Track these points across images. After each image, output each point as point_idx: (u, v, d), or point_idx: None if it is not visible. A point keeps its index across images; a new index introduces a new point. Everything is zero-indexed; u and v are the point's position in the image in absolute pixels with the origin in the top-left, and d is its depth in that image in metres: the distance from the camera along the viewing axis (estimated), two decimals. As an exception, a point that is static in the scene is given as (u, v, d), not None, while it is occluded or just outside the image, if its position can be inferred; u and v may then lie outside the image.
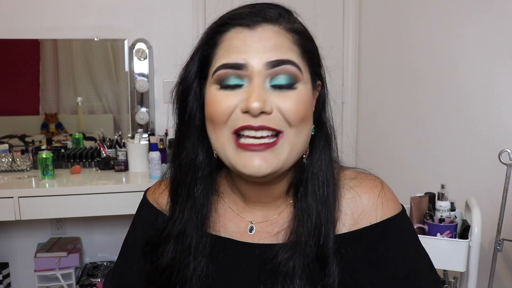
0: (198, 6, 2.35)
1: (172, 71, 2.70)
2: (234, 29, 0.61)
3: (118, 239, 2.38)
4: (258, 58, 0.58)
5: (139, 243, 0.75)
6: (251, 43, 0.59)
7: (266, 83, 0.59)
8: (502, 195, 1.36)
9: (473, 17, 1.68)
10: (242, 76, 0.59)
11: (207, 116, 0.62)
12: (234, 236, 0.69)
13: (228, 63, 0.59)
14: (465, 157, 1.74)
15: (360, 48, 2.50)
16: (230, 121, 0.59)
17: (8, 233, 2.33)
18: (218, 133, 0.61)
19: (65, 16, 2.27)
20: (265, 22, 0.61)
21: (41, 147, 2.32)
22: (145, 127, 2.40)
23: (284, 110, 0.59)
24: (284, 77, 0.59)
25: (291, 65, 0.59)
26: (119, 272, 0.80)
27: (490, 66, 1.62)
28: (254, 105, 0.56)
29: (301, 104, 0.60)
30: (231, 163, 0.61)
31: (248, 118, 0.58)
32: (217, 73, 0.60)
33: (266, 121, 0.58)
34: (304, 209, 0.65)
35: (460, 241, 1.34)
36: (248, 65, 0.58)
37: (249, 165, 0.59)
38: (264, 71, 0.58)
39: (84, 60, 2.38)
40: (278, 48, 0.59)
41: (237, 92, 0.59)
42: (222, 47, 0.61)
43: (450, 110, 1.81)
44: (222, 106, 0.59)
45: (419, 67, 2.00)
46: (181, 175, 0.68)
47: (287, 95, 0.59)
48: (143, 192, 0.83)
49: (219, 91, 0.60)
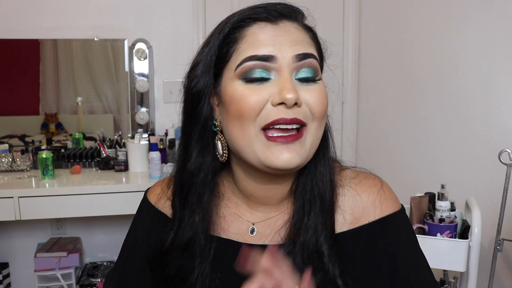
0: (198, 6, 2.35)
1: (172, 71, 2.71)
2: (257, 24, 0.61)
3: (118, 239, 2.37)
4: (286, 50, 0.59)
5: (140, 243, 0.76)
6: (277, 37, 0.60)
7: (292, 76, 0.60)
8: (502, 195, 1.36)
9: (473, 17, 1.68)
10: (269, 69, 0.59)
11: (235, 112, 0.60)
12: (235, 238, 0.69)
13: (256, 55, 0.59)
14: (465, 157, 1.74)
15: (360, 48, 2.50)
16: (260, 116, 0.59)
17: (8, 233, 2.33)
18: (246, 129, 0.59)
19: (65, 16, 2.27)
20: (284, 18, 0.62)
21: (41, 147, 2.32)
22: (145, 127, 2.40)
23: (311, 103, 0.60)
24: (309, 70, 0.61)
25: (313, 59, 0.61)
26: (120, 272, 0.80)
27: (490, 66, 1.62)
28: (289, 96, 0.57)
29: (324, 97, 0.62)
30: (261, 158, 0.60)
31: (281, 111, 0.58)
32: (242, 66, 0.59)
33: (297, 113, 0.59)
34: (302, 207, 0.66)
35: (460, 241, 1.34)
36: (277, 58, 0.59)
37: (281, 158, 0.59)
38: (292, 64, 0.59)
39: (84, 60, 2.38)
40: (302, 43, 0.61)
41: (265, 86, 0.59)
42: (246, 41, 0.60)
43: (450, 110, 1.81)
44: (252, 101, 0.58)
45: (419, 67, 2.00)
46: (190, 181, 0.67)
47: (311, 88, 0.61)
48: (143, 192, 0.82)
49: (245, 85, 0.59)
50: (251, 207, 0.70)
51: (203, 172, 0.67)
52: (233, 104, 0.60)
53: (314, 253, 0.63)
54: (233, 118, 0.60)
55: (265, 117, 0.58)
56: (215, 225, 0.70)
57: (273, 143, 0.59)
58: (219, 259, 0.68)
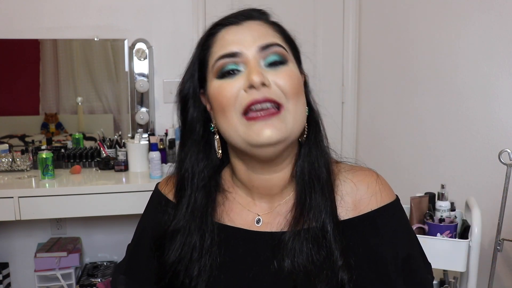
0: (198, 6, 2.35)
1: (172, 71, 2.71)
2: (224, 28, 0.70)
3: (118, 239, 2.39)
4: (250, 45, 0.67)
5: (148, 229, 0.79)
6: (241, 34, 0.68)
7: (260, 63, 0.67)
8: (502, 195, 1.36)
9: (473, 17, 1.68)
10: (237, 62, 0.67)
11: (217, 107, 0.68)
12: (242, 227, 0.73)
13: (224, 53, 0.67)
14: (465, 157, 1.75)
15: (360, 48, 2.50)
16: (237, 103, 0.66)
17: (8, 233, 2.33)
18: (229, 118, 0.66)
19: (65, 16, 2.27)
20: (249, 19, 0.71)
21: (41, 147, 2.32)
22: (145, 127, 2.40)
23: (281, 83, 0.66)
24: (275, 56, 0.67)
25: (278, 47, 0.68)
26: (128, 260, 0.83)
27: (490, 66, 1.62)
28: (255, 78, 0.63)
29: (294, 77, 0.68)
30: (245, 139, 0.66)
31: (252, 94, 0.64)
32: (215, 65, 0.68)
33: (267, 93, 0.64)
34: (303, 190, 0.70)
35: (460, 241, 1.34)
36: (243, 53, 0.66)
37: (262, 134, 0.64)
38: (257, 54, 0.67)
39: (84, 60, 2.38)
40: (265, 35, 0.68)
41: (237, 77, 0.66)
42: (217, 45, 0.69)
43: (450, 110, 1.81)
44: (228, 92, 0.66)
45: (419, 67, 2.00)
46: (187, 178, 0.73)
47: (280, 70, 0.67)
48: (143, 192, 0.84)
49: (220, 81, 0.67)
50: (255, 199, 0.75)
51: (197, 172, 0.73)
52: (214, 100, 0.68)
53: (319, 232, 0.67)
54: (218, 112, 0.68)
55: (241, 102, 0.65)
56: (220, 215, 0.74)
57: (253, 121, 0.65)
58: (223, 245, 0.71)
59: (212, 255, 0.70)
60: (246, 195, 0.75)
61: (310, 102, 0.74)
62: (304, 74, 0.75)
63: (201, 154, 0.73)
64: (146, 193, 0.86)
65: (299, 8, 2.43)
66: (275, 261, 0.68)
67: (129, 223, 2.19)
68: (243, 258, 0.71)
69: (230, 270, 0.70)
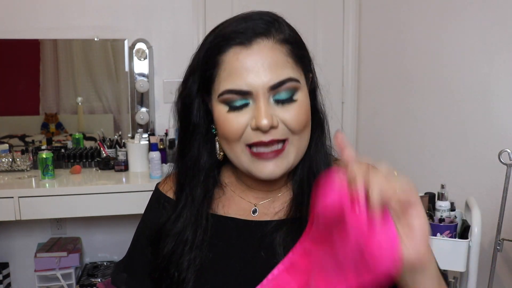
0: (198, 6, 2.35)
1: (172, 71, 2.71)
2: (232, 49, 0.64)
3: (118, 239, 2.39)
4: (260, 81, 0.63)
5: (148, 225, 0.80)
6: (250, 64, 0.63)
7: (270, 99, 0.64)
8: (502, 195, 1.36)
9: (473, 17, 1.68)
10: (247, 97, 0.64)
11: (221, 134, 0.68)
12: (237, 216, 0.74)
13: (233, 89, 0.64)
14: (465, 157, 1.75)
15: (360, 48, 2.50)
16: (243, 137, 0.66)
17: (8, 233, 2.33)
18: (233, 147, 0.67)
19: (65, 16, 2.27)
20: (258, 37, 0.64)
21: (41, 147, 2.32)
22: (145, 127, 2.40)
23: (288, 122, 0.65)
24: (285, 93, 0.65)
25: (290, 82, 0.64)
26: (129, 257, 0.83)
27: (490, 66, 1.62)
28: (263, 123, 0.62)
29: (302, 113, 0.66)
30: (247, 169, 0.68)
31: (259, 134, 0.64)
32: (223, 97, 0.65)
33: (274, 134, 0.64)
34: (301, 185, 0.71)
35: (460, 241, 1.35)
36: (252, 91, 0.63)
37: (264, 171, 0.66)
38: (267, 92, 0.64)
39: (84, 60, 2.38)
40: (277, 67, 0.64)
41: (245, 111, 0.65)
42: (224, 69, 0.65)
43: (450, 110, 1.81)
44: (234, 126, 0.65)
45: (419, 67, 2.00)
46: (186, 176, 0.74)
47: (289, 107, 0.65)
48: (143, 192, 0.84)
49: (228, 113, 0.65)
50: (252, 191, 0.76)
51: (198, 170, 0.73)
52: (219, 126, 0.68)
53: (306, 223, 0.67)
54: (221, 136, 0.69)
55: (247, 138, 0.65)
56: (216, 207, 0.75)
57: (257, 158, 0.66)
58: (216, 237, 0.72)
59: (204, 248, 0.70)
60: (245, 188, 0.77)
61: (317, 107, 0.73)
62: (315, 82, 0.74)
63: (202, 150, 0.73)
64: (146, 193, 0.86)
65: (299, 8, 2.43)
66: (262, 252, 0.69)
67: (129, 223, 2.19)
68: (235, 248, 0.72)
69: (221, 261, 0.71)
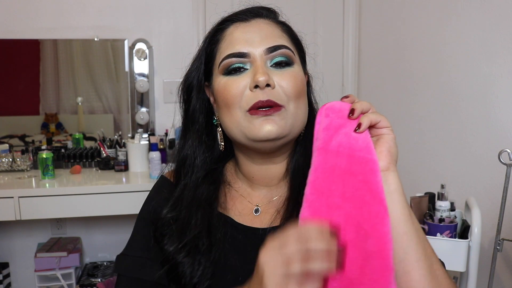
0: (198, 6, 2.35)
1: (172, 71, 2.71)
2: (233, 24, 0.72)
3: (118, 239, 2.38)
4: (257, 45, 0.69)
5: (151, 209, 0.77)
6: (249, 33, 0.70)
7: (267, 63, 0.69)
8: (502, 195, 1.36)
9: (473, 17, 1.68)
10: (244, 62, 0.69)
11: (221, 102, 0.70)
12: (240, 216, 0.75)
13: (232, 52, 0.69)
14: (465, 157, 1.74)
15: (360, 48, 2.50)
16: (242, 101, 0.68)
17: (8, 233, 2.33)
18: (233, 113, 0.69)
19: (65, 16, 2.27)
20: (257, 17, 0.73)
21: (41, 147, 2.32)
22: (145, 127, 2.40)
23: (284, 85, 0.68)
24: (281, 57, 0.69)
25: (285, 49, 0.70)
26: (128, 247, 0.81)
27: (490, 66, 1.62)
28: (261, 78, 0.65)
29: (298, 80, 0.70)
30: (246, 133, 0.68)
31: (257, 94, 0.66)
32: (223, 63, 0.69)
33: (271, 95, 0.67)
34: (297, 186, 0.71)
35: (460, 241, 1.34)
36: (250, 53, 0.68)
37: (262, 129, 0.67)
38: (264, 55, 0.68)
39: (84, 60, 2.38)
40: (272, 36, 0.70)
41: (243, 75, 0.68)
42: (225, 41, 0.71)
43: (450, 110, 1.81)
44: (233, 89, 0.68)
45: (418, 67, 2.00)
46: (184, 169, 0.75)
47: (285, 72, 0.69)
48: (144, 192, 0.84)
49: (227, 77, 0.69)
50: (254, 190, 0.77)
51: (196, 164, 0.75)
52: (219, 95, 0.70)
53: None
54: (222, 107, 0.71)
55: (246, 102, 0.67)
56: (220, 205, 0.76)
57: (255, 116, 0.67)
58: (220, 233, 0.72)
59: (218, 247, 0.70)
60: (246, 186, 0.78)
61: (311, 102, 0.76)
62: (308, 74, 0.77)
63: (203, 145, 0.75)
64: (146, 193, 0.85)
65: (299, 8, 2.43)
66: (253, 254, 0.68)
67: (129, 223, 2.19)
68: (238, 250, 0.72)
69: (226, 262, 0.70)
